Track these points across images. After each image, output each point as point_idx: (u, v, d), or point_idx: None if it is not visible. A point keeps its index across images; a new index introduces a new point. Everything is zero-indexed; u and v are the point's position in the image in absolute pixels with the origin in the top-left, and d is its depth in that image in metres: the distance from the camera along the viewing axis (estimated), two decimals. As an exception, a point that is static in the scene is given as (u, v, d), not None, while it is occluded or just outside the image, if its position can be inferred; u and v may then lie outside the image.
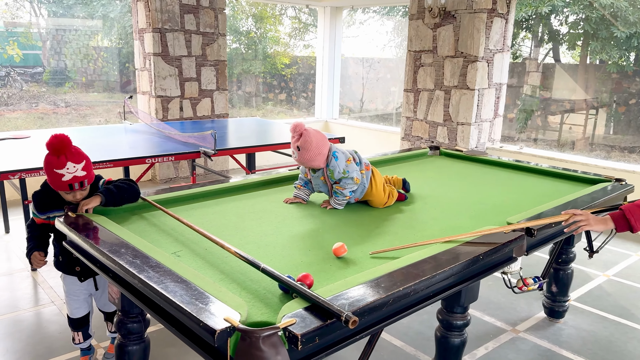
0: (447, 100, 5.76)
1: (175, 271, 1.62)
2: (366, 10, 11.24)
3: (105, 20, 11.52)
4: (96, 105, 11.40)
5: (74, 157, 2.14)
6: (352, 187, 2.41)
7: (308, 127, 2.38)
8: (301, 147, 2.33)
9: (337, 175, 2.39)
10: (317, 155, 2.36)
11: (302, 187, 2.55)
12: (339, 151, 2.42)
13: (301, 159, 2.36)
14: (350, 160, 2.43)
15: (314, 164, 2.39)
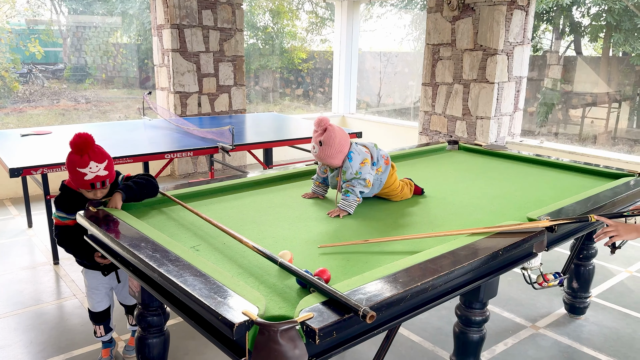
0: (466, 94, 5.70)
1: (194, 265, 1.63)
2: (384, 4, 11.16)
3: (125, 16, 11.65)
4: (116, 101, 11.55)
5: (97, 157, 2.18)
6: (362, 187, 2.34)
7: (332, 123, 2.34)
8: (324, 143, 2.28)
9: (349, 176, 2.33)
10: (337, 152, 2.31)
11: (320, 183, 2.52)
12: (355, 151, 2.36)
13: (321, 154, 2.31)
14: (365, 163, 2.36)
15: (333, 162, 2.33)
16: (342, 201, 2.31)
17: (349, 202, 2.30)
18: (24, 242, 4.22)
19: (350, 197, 2.31)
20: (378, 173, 2.43)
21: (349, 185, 2.32)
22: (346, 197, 2.32)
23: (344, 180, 2.36)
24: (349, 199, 2.31)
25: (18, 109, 10.29)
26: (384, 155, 2.48)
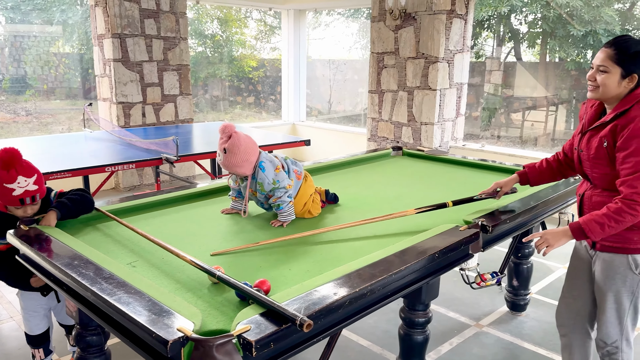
0: (410, 101, 5.84)
1: (130, 282, 1.59)
2: (331, 13, 11.31)
3: (65, 26, 11.27)
4: (58, 113, 11.13)
5: (25, 171, 2.09)
6: (286, 194, 2.28)
7: (239, 130, 2.26)
8: (228, 150, 2.19)
9: (268, 187, 2.25)
10: (244, 161, 2.22)
11: (237, 197, 2.42)
12: (266, 160, 2.28)
13: (227, 162, 2.22)
14: (280, 168, 2.30)
15: (240, 171, 2.25)
16: (279, 214, 2.28)
17: (285, 211, 2.28)
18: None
19: (283, 207, 2.27)
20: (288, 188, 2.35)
21: (275, 199, 2.26)
22: (280, 210, 2.28)
23: (264, 194, 2.28)
24: (283, 210, 2.27)
25: (-50, 122, 9.73)
26: (296, 171, 2.41)
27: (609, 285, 2.08)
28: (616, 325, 2.10)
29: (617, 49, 1.89)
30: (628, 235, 1.99)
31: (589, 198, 2.09)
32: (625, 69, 1.88)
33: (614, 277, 2.06)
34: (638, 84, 1.91)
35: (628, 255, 2.02)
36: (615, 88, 1.91)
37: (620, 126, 1.89)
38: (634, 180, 1.85)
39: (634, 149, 1.84)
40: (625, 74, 1.88)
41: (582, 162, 2.08)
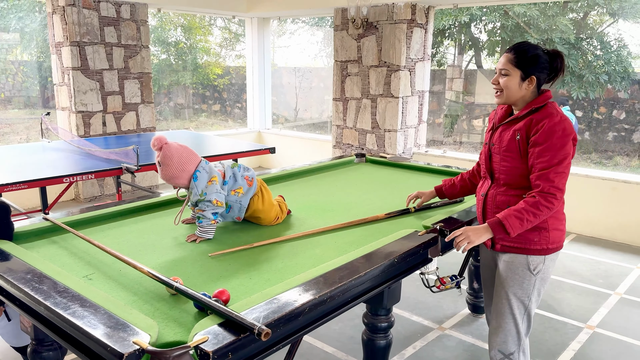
0: (374, 108, 5.92)
1: (85, 295, 1.57)
2: (296, 21, 11.37)
3: (23, 33, 10.96)
4: (16, 123, 10.79)
5: None
6: (212, 209, 2.19)
7: (171, 142, 2.20)
8: (162, 163, 2.15)
9: (194, 197, 2.18)
10: (180, 172, 2.16)
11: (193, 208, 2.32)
12: (202, 170, 2.20)
13: (163, 175, 2.17)
14: (213, 181, 2.20)
15: (178, 182, 2.19)
16: (198, 228, 2.19)
17: (204, 227, 2.18)
18: None
19: (203, 222, 2.18)
20: (237, 194, 2.29)
21: (198, 210, 2.19)
22: (199, 224, 2.19)
23: (192, 203, 2.23)
24: (202, 225, 2.18)
25: None
26: (248, 177, 2.34)
27: (507, 287, 2.11)
28: (514, 334, 2.12)
29: (516, 53, 2.01)
30: (529, 236, 2.04)
31: (492, 197, 2.14)
32: (524, 72, 2.00)
33: (513, 278, 2.09)
34: (539, 86, 2.05)
35: (527, 255, 2.06)
36: (517, 90, 2.03)
37: (535, 120, 1.98)
38: (549, 173, 1.93)
39: (549, 143, 1.93)
40: (524, 76, 2.00)
41: (492, 156, 2.13)
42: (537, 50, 2.02)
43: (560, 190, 1.95)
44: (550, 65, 2.03)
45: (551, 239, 2.05)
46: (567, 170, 1.97)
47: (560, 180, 1.94)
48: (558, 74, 2.06)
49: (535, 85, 2.02)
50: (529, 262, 2.06)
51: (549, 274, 2.12)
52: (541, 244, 2.04)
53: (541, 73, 2.01)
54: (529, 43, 2.04)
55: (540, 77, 2.02)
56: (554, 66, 2.03)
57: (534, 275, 2.07)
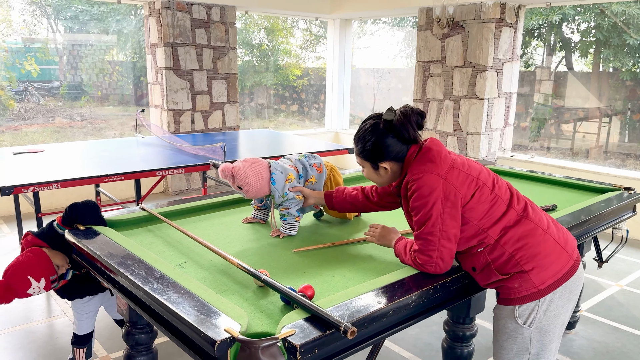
0: (456, 110, 5.76)
1: (179, 282, 1.64)
2: (376, 22, 11.32)
3: (120, 35, 11.76)
4: (111, 119, 11.60)
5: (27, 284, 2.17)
6: (296, 206, 2.24)
7: (235, 163, 2.20)
8: (243, 186, 2.16)
9: (278, 200, 2.22)
10: (261, 185, 2.18)
11: (259, 207, 2.40)
12: (277, 171, 2.22)
13: (250, 195, 2.20)
14: (289, 179, 2.24)
15: (263, 192, 2.22)
16: (283, 225, 2.25)
17: (289, 224, 2.24)
18: (15, 260, 4.20)
19: (288, 219, 2.23)
20: (311, 183, 2.32)
21: (283, 208, 2.23)
22: (284, 221, 2.24)
23: (276, 205, 2.26)
24: (287, 222, 2.24)
25: (13, 126, 10.31)
26: (316, 164, 2.35)
27: (500, 344, 1.84)
28: None
29: (355, 145, 1.88)
30: (507, 284, 1.75)
31: None
32: (372, 163, 1.85)
33: (504, 332, 1.81)
34: (401, 157, 1.81)
35: (514, 306, 1.76)
36: (378, 177, 1.90)
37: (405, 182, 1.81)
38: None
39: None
40: (375, 166, 1.86)
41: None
42: (375, 133, 1.79)
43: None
44: (400, 134, 1.77)
45: (538, 280, 1.72)
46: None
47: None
48: (421, 127, 1.80)
49: (392, 167, 1.83)
50: (516, 314, 1.76)
51: (551, 321, 1.76)
52: (526, 289, 1.73)
53: (391, 153, 1.80)
54: (363, 129, 1.83)
55: (394, 155, 1.80)
56: (405, 137, 1.77)
57: (526, 327, 1.76)
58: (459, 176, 1.74)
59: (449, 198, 1.70)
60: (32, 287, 2.12)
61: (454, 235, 1.73)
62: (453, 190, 1.71)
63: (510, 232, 1.74)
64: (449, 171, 1.74)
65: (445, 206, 1.70)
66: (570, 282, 1.77)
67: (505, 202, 1.78)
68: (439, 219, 1.70)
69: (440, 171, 1.73)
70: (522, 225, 1.76)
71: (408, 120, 1.77)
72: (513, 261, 1.73)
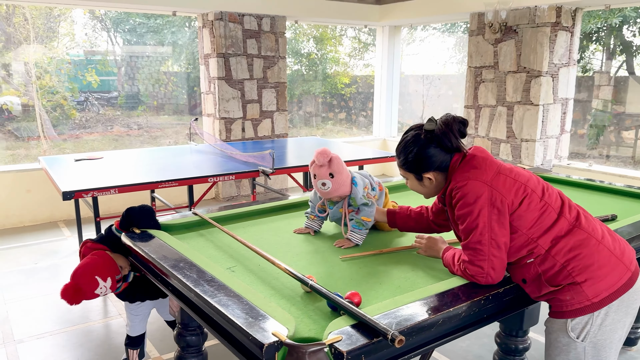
0: (509, 117, 5.60)
1: (229, 286, 1.68)
2: (426, 28, 11.20)
3: (175, 46, 12.21)
4: (166, 127, 12.04)
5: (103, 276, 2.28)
6: (370, 215, 2.23)
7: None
8: (336, 173, 2.14)
9: (360, 201, 2.19)
10: (347, 179, 2.18)
11: (316, 217, 2.34)
12: (356, 177, 2.23)
13: (335, 187, 2.16)
14: (366, 189, 2.25)
15: (344, 191, 2.19)
16: (353, 233, 2.20)
17: (361, 234, 2.20)
18: (74, 262, 4.41)
19: (363, 230, 2.20)
20: (374, 200, 2.31)
21: (364, 218, 2.20)
22: (358, 230, 2.20)
23: (356, 207, 2.23)
24: (361, 232, 2.20)
25: (75, 135, 10.88)
26: (377, 182, 2.37)
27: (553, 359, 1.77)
28: None
29: (397, 157, 1.88)
30: (559, 297, 1.68)
31: None
32: (416, 174, 1.84)
33: (557, 346, 1.74)
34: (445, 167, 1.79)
35: (566, 319, 1.70)
36: (422, 188, 1.87)
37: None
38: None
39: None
40: (418, 177, 1.85)
41: None
42: (417, 144, 1.79)
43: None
44: (442, 143, 1.76)
45: (591, 292, 1.64)
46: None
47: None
48: (464, 135, 1.79)
49: (436, 177, 1.82)
50: (569, 327, 1.69)
51: (607, 336, 1.69)
52: (579, 301, 1.65)
53: (434, 163, 1.79)
54: (405, 140, 1.82)
55: (438, 165, 1.79)
56: (447, 146, 1.76)
57: (579, 342, 1.69)
58: (505, 182, 1.69)
59: (496, 205, 1.66)
60: (99, 287, 2.22)
61: (504, 243, 1.68)
62: (499, 197, 1.66)
63: (562, 242, 1.68)
64: (494, 177, 1.70)
65: (492, 213, 1.66)
66: (627, 295, 1.68)
67: (555, 210, 1.72)
68: (487, 227, 1.65)
69: (485, 177, 1.69)
70: (575, 235, 1.69)
71: (450, 129, 1.75)
72: (565, 272, 1.66)
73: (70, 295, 2.18)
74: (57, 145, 10.26)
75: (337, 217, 2.31)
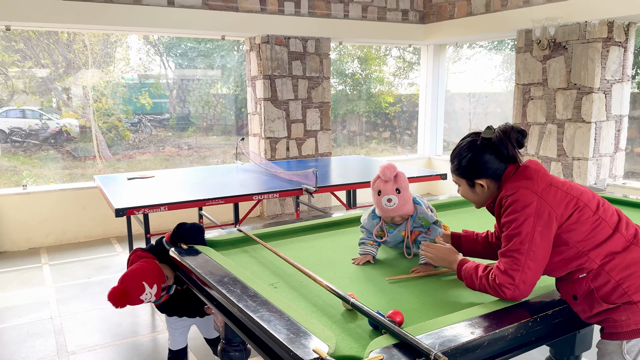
0: (560, 134, 5.44)
1: (271, 301, 1.70)
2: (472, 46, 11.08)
3: (224, 70, 12.61)
4: (214, 147, 12.38)
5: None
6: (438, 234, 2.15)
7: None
8: (402, 189, 2.07)
9: (431, 219, 2.12)
10: (411, 197, 2.11)
11: (374, 242, 2.21)
12: (416, 195, 2.18)
13: (401, 203, 2.08)
14: (428, 207, 2.19)
15: (408, 210, 2.12)
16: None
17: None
18: (126, 276, 4.57)
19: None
20: None
21: (438, 239, 2.12)
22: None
23: (427, 226, 2.16)
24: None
25: (128, 155, 11.36)
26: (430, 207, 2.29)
27: None
28: None
29: (452, 161, 1.85)
30: (613, 316, 1.61)
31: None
32: (468, 180, 1.82)
33: None
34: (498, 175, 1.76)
35: (622, 341, 1.63)
36: (474, 196, 1.81)
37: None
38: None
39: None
40: (471, 184, 1.82)
41: None
42: (472, 149, 1.77)
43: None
44: (498, 151, 1.74)
45: None
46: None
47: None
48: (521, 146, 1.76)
49: (489, 184, 1.78)
50: (624, 350, 1.63)
51: None
52: (635, 322, 1.59)
53: (488, 170, 1.76)
54: (461, 145, 1.79)
55: (492, 172, 1.77)
56: (504, 154, 1.74)
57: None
58: (556, 194, 1.67)
59: (542, 216, 1.63)
60: (145, 293, 2.29)
61: (542, 257, 1.64)
62: (547, 209, 1.63)
63: (618, 259, 1.62)
64: (545, 189, 1.67)
65: (537, 224, 1.62)
66: None
67: (611, 225, 1.66)
68: (529, 236, 1.62)
69: (535, 188, 1.67)
70: (632, 252, 1.63)
71: (508, 138, 1.73)
72: (620, 290, 1.60)
73: (116, 298, 2.25)
74: (112, 165, 10.73)
75: (398, 241, 2.22)
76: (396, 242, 2.25)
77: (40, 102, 11.54)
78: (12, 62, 10.70)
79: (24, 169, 10.17)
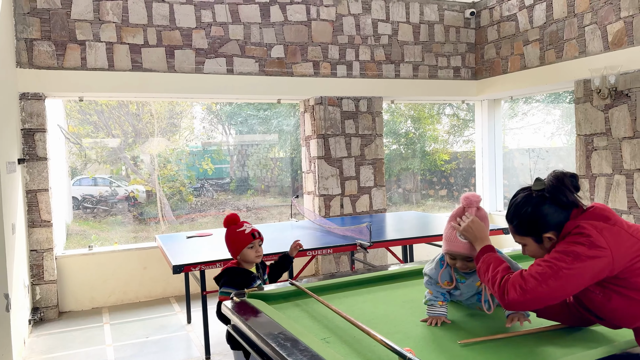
0: (629, 185, 5.12)
1: (322, 356, 1.62)
2: (529, 101, 10.90)
3: (281, 134, 13.04)
4: (271, 208, 12.60)
5: (245, 222, 2.81)
6: None
7: None
8: (482, 219, 1.94)
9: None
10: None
11: (443, 302, 2.02)
12: None
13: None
14: None
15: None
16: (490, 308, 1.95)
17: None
18: (182, 336, 4.58)
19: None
20: None
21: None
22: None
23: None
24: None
25: (190, 217, 11.74)
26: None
27: None
28: None
29: (510, 223, 1.76)
30: None
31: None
32: (534, 237, 1.70)
33: None
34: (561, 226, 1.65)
35: None
36: (544, 251, 1.69)
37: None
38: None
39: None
40: (538, 239, 1.70)
41: None
42: (530, 204, 1.68)
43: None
44: (557, 200, 1.65)
45: None
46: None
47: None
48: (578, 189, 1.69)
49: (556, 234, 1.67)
50: None
51: None
52: None
53: (553, 220, 1.66)
54: (516, 203, 1.69)
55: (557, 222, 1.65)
56: (563, 201, 1.65)
57: None
58: (620, 235, 1.57)
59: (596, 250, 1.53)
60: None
61: (569, 284, 1.52)
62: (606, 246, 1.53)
63: None
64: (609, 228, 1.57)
65: (587, 254, 1.52)
66: None
67: None
68: (571, 257, 1.52)
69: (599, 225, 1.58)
70: None
71: (562, 184, 1.65)
72: None
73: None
74: (174, 228, 11.09)
75: (471, 293, 2.03)
76: (470, 295, 2.05)
77: (111, 170, 12.30)
78: (86, 133, 11.58)
79: (93, 232, 10.70)
